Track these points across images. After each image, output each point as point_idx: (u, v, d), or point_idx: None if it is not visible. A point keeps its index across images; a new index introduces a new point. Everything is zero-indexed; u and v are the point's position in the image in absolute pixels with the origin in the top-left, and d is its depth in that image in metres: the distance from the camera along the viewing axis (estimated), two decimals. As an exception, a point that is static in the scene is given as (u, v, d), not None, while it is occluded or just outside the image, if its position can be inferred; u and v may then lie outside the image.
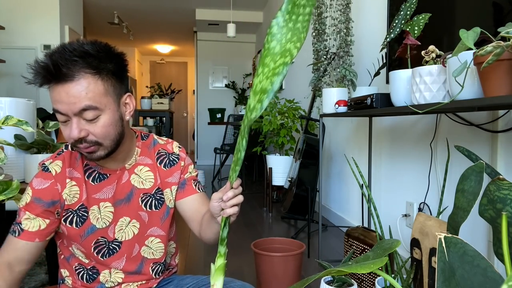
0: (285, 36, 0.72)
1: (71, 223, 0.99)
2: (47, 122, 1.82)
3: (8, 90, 4.83)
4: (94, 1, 6.20)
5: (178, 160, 1.09)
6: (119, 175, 1.01)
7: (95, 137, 0.88)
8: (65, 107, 0.84)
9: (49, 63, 0.82)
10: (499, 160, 1.46)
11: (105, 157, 0.93)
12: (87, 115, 0.86)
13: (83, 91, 0.84)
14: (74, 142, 0.88)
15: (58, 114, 0.87)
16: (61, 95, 0.84)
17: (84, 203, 0.99)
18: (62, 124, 0.89)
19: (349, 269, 0.57)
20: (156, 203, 1.05)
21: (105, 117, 0.88)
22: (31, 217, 0.95)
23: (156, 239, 1.07)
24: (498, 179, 0.67)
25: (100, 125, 0.88)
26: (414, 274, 1.24)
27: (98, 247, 1.01)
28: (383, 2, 2.31)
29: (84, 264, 1.03)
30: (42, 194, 0.95)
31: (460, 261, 0.52)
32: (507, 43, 0.85)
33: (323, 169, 3.50)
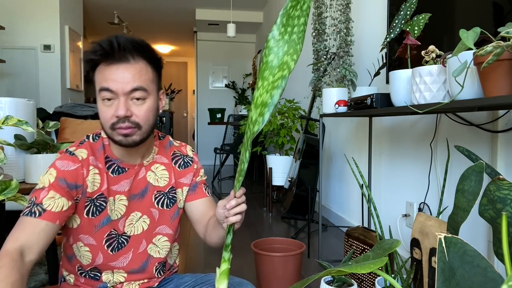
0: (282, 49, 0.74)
1: (88, 213, 0.99)
2: (47, 122, 1.82)
3: (8, 90, 4.83)
4: (94, 1, 6.20)
5: (192, 162, 1.14)
6: (137, 171, 1.04)
7: (138, 119, 0.94)
8: (118, 85, 0.91)
9: (115, 43, 0.91)
10: (499, 160, 1.46)
11: (138, 143, 0.97)
12: (135, 94, 0.93)
13: (137, 73, 0.93)
14: (116, 122, 0.93)
15: (106, 92, 0.92)
16: (117, 74, 0.91)
17: (104, 192, 1.00)
18: (105, 105, 0.93)
19: (349, 269, 0.57)
20: (168, 201, 1.09)
21: (149, 102, 0.96)
22: (56, 197, 0.92)
23: (164, 237, 1.08)
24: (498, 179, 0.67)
25: (144, 108, 0.95)
26: (414, 274, 1.24)
27: (109, 239, 1.01)
28: (383, 2, 2.31)
29: (84, 266, 1.02)
30: (68, 175, 0.95)
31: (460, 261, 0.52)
32: (507, 43, 0.85)
33: (323, 169, 3.50)
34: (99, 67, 0.93)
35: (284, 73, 0.73)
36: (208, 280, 1.09)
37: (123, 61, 0.92)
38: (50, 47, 5.00)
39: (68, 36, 5.22)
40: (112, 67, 0.91)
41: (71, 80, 5.34)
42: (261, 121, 0.74)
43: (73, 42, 5.40)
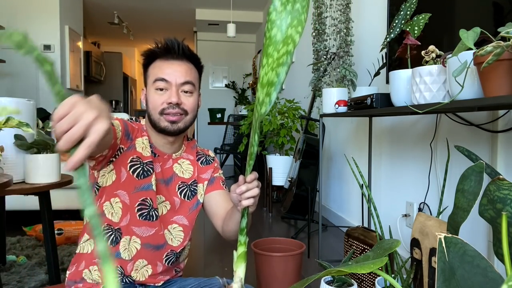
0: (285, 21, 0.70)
1: (134, 172, 1.07)
2: (47, 122, 1.82)
3: (8, 90, 4.83)
4: (94, 1, 6.20)
5: (213, 161, 1.26)
6: (166, 160, 1.15)
7: (186, 107, 1.08)
8: (172, 77, 1.06)
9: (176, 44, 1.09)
10: (499, 160, 1.46)
11: (182, 131, 1.10)
12: (186, 87, 1.08)
13: (189, 71, 1.10)
14: (167, 107, 1.06)
15: (161, 82, 1.06)
16: (173, 68, 1.07)
17: (153, 160, 1.10)
18: (157, 93, 1.07)
19: (349, 269, 0.57)
20: (190, 193, 1.17)
21: (195, 95, 1.11)
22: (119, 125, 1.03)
23: (179, 227, 1.14)
24: (498, 179, 0.67)
25: (192, 99, 1.10)
26: (414, 274, 1.24)
27: (141, 205, 1.07)
28: (383, 2, 2.31)
29: (113, 224, 1.06)
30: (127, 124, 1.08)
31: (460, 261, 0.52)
32: (507, 43, 0.85)
33: (323, 169, 3.50)
34: (155, 61, 1.09)
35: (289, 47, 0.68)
36: (211, 284, 1.09)
37: (179, 59, 1.08)
38: (50, 47, 5.00)
39: (68, 36, 5.22)
40: (168, 61, 1.08)
41: (71, 80, 5.33)
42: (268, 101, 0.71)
43: (73, 42, 5.40)
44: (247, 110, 4.17)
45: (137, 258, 1.07)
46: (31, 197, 1.76)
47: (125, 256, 1.06)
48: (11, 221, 2.77)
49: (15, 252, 2.34)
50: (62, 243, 2.46)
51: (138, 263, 1.07)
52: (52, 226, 1.76)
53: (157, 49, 1.09)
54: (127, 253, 1.06)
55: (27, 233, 2.62)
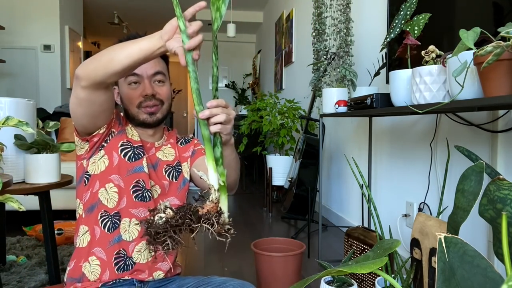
0: None
1: (125, 156, 1.09)
2: (47, 122, 1.82)
3: (8, 90, 4.83)
4: (94, 1, 6.20)
5: (191, 139, 1.30)
6: (149, 148, 1.17)
7: (161, 97, 1.12)
8: (143, 70, 1.09)
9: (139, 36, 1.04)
10: (499, 160, 1.46)
11: (159, 122, 1.14)
12: (157, 77, 1.12)
13: (157, 62, 1.12)
14: (144, 100, 1.10)
15: (132, 76, 1.09)
16: None
17: (144, 145, 1.15)
18: (131, 88, 1.10)
19: (349, 269, 0.57)
20: (176, 174, 1.20)
21: (167, 84, 1.15)
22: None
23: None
24: (498, 179, 0.67)
25: (165, 88, 1.14)
26: (414, 274, 1.24)
27: (136, 187, 1.09)
28: (383, 2, 2.31)
29: (109, 210, 1.07)
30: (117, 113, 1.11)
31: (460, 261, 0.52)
32: (507, 43, 0.85)
33: (323, 169, 3.50)
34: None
35: None
36: (210, 282, 1.09)
37: None
38: (50, 47, 5.00)
39: (68, 36, 5.22)
40: None
41: (71, 80, 5.34)
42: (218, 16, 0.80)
43: (73, 42, 5.40)
44: (247, 110, 4.17)
45: (139, 240, 1.08)
46: (31, 197, 1.76)
47: (126, 238, 1.08)
48: (11, 221, 2.77)
49: (15, 252, 2.34)
50: (62, 243, 2.46)
51: (141, 245, 1.08)
52: (52, 226, 1.76)
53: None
54: (128, 235, 1.08)
55: (27, 233, 2.62)
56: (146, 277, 1.09)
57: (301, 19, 4.31)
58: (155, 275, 1.10)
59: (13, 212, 2.76)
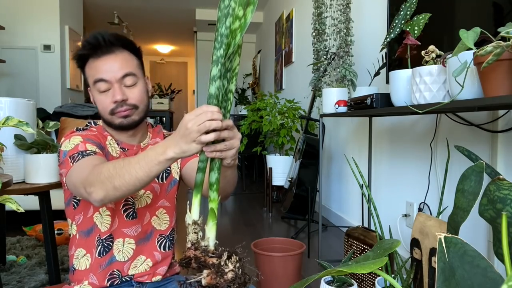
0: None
1: None
2: (47, 122, 1.82)
3: (8, 90, 4.83)
4: (94, 1, 6.20)
5: None
6: (135, 151, 1.12)
7: (133, 100, 1.04)
8: (110, 74, 1.01)
9: (100, 37, 1.01)
10: (499, 160, 1.46)
11: (137, 124, 1.07)
12: (127, 81, 1.03)
13: (124, 62, 1.04)
14: (115, 107, 1.02)
15: (101, 83, 1.02)
16: (107, 64, 1.02)
17: (128, 148, 1.10)
18: (102, 95, 1.03)
19: (349, 269, 0.57)
20: (164, 174, 1.16)
21: (140, 85, 1.06)
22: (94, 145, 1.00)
23: (163, 209, 1.15)
24: (498, 179, 0.67)
25: (137, 91, 1.05)
26: (414, 274, 1.24)
27: (126, 205, 1.07)
28: (383, 2, 2.31)
29: (102, 234, 1.05)
30: (91, 137, 1.03)
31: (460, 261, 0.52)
32: (507, 43, 0.85)
33: (323, 169, 3.50)
34: (88, 63, 1.04)
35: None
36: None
37: (110, 52, 1.02)
38: (50, 47, 5.00)
39: (68, 36, 5.22)
40: (101, 59, 1.02)
41: (71, 80, 5.34)
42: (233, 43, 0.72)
43: (73, 42, 5.40)
44: (247, 110, 4.17)
45: (135, 257, 1.08)
46: (31, 197, 1.76)
47: (120, 258, 1.06)
48: (11, 221, 2.77)
49: (15, 252, 2.34)
50: (62, 243, 2.45)
51: (136, 261, 1.08)
52: (52, 226, 1.76)
53: (84, 51, 1.03)
54: (122, 255, 1.07)
55: (27, 233, 2.62)
56: (145, 280, 1.09)
57: (301, 19, 4.31)
58: (154, 279, 1.10)
59: (13, 212, 2.76)
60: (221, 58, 0.75)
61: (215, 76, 0.77)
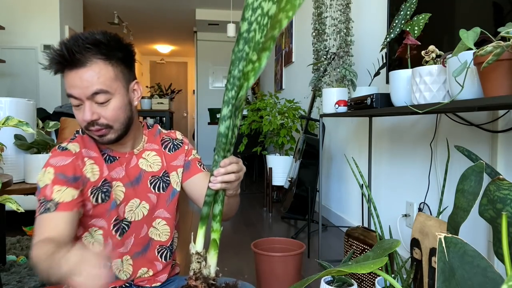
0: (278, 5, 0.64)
1: (97, 200, 0.99)
2: (47, 122, 1.82)
3: (8, 90, 4.82)
4: (94, 1, 6.20)
5: (182, 144, 1.14)
6: (128, 159, 1.05)
7: (106, 120, 0.93)
8: (79, 91, 0.90)
9: (64, 50, 0.88)
10: (499, 160, 1.46)
11: (115, 140, 0.97)
12: (98, 99, 0.91)
13: (95, 76, 0.90)
14: (87, 125, 0.93)
15: (72, 99, 0.92)
16: (75, 80, 0.90)
17: (107, 178, 1.01)
18: (75, 109, 0.94)
19: (349, 269, 0.57)
20: (163, 185, 1.09)
21: (115, 101, 0.94)
22: (62, 189, 0.92)
23: (163, 221, 1.09)
24: (498, 179, 0.67)
25: (110, 109, 0.93)
26: (414, 274, 1.24)
27: (116, 224, 1.03)
28: (383, 2, 2.31)
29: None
30: (65, 169, 0.95)
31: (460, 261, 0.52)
32: (507, 43, 0.85)
33: (323, 169, 3.50)
34: (64, 72, 0.92)
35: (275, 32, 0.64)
36: None
37: (79, 65, 0.89)
38: (50, 47, 4.99)
39: (68, 36, 5.22)
40: (71, 73, 0.90)
41: (71, 80, 5.33)
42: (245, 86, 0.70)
43: (73, 42, 5.40)
44: (247, 110, 4.17)
45: (136, 272, 1.06)
46: (31, 197, 1.76)
47: (122, 277, 1.04)
48: (11, 221, 2.77)
49: (15, 252, 2.34)
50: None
51: (138, 274, 1.06)
52: (52, 226, 1.75)
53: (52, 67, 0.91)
54: (123, 274, 1.04)
55: (27, 233, 2.62)
56: (145, 284, 1.09)
57: (301, 19, 4.31)
58: (154, 284, 1.10)
59: (13, 212, 2.76)
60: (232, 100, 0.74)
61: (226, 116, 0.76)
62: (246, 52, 0.72)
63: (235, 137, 0.77)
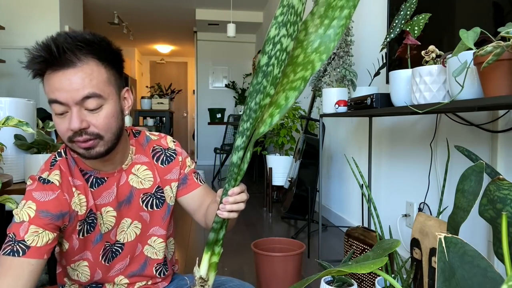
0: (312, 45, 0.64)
1: (82, 234, 0.92)
2: (47, 122, 1.82)
3: (8, 90, 4.82)
4: (94, 1, 6.20)
5: (175, 155, 1.05)
6: (117, 178, 0.95)
7: (97, 129, 0.82)
8: (66, 95, 0.78)
9: (53, 46, 0.76)
10: (499, 160, 1.46)
11: (105, 154, 0.85)
12: (89, 104, 0.80)
13: (87, 78, 0.79)
14: (72, 136, 0.81)
15: (56, 105, 0.79)
16: (62, 82, 0.78)
17: (92, 208, 0.92)
18: (58, 117, 0.81)
19: (349, 269, 0.57)
20: (157, 202, 1.01)
21: (107, 108, 0.83)
22: (39, 231, 0.82)
23: (159, 238, 1.03)
24: (498, 179, 0.67)
25: (102, 116, 0.82)
26: (414, 274, 1.24)
27: (105, 253, 0.97)
28: (383, 2, 2.31)
29: (84, 283, 0.98)
30: (49, 206, 0.84)
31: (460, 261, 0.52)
32: (507, 43, 0.85)
33: (323, 169, 3.50)
34: (46, 75, 0.80)
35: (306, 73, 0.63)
36: None
37: (68, 65, 0.78)
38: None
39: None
40: (57, 74, 0.78)
41: (71, 80, 5.33)
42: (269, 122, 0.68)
43: (73, 42, 5.40)
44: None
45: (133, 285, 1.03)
46: (31, 197, 1.76)
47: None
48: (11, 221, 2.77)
49: (15, 252, 2.33)
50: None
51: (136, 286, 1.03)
52: (52, 226, 1.75)
53: (34, 66, 0.79)
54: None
55: (27, 233, 2.62)
56: None
57: (301, 19, 4.31)
58: None
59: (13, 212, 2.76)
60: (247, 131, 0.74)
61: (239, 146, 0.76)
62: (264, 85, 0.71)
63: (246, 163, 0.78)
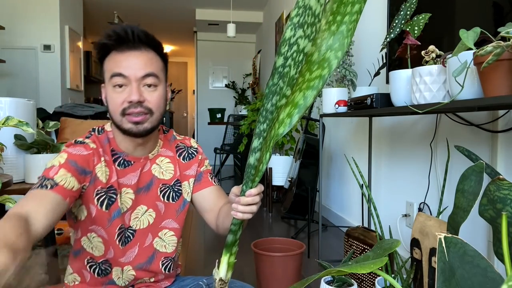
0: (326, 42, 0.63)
1: (101, 205, 0.96)
2: (47, 122, 1.82)
3: (8, 90, 4.82)
4: (94, 1, 6.20)
5: (196, 153, 1.13)
6: (143, 164, 1.03)
7: (150, 104, 0.95)
8: (130, 71, 0.92)
9: (129, 30, 0.93)
10: (499, 160, 1.46)
11: (150, 131, 0.96)
12: (148, 81, 0.94)
13: (149, 61, 0.95)
14: (128, 107, 0.93)
15: (118, 77, 0.92)
16: (130, 60, 0.93)
17: (114, 185, 0.98)
18: (115, 91, 0.93)
19: (349, 269, 0.57)
20: (174, 195, 1.07)
21: (160, 89, 0.97)
22: (68, 175, 0.89)
23: (170, 231, 1.06)
24: (498, 179, 0.67)
25: (156, 95, 0.96)
26: (414, 274, 1.24)
27: (120, 233, 0.99)
28: (383, 2, 2.31)
29: (96, 258, 1.00)
30: (79, 159, 0.93)
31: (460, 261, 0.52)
32: (507, 43, 0.85)
33: (323, 169, 3.50)
34: (110, 54, 0.95)
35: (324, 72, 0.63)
36: (210, 284, 1.08)
37: (136, 48, 0.94)
38: (50, 47, 4.99)
39: (68, 36, 5.22)
40: (124, 53, 0.93)
41: (71, 80, 5.33)
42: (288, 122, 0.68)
43: (73, 42, 5.40)
44: (247, 110, 4.17)
45: (136, 280, 1.04)
46: (31, 197, 1.76)
47: (120, 283, 1.02)
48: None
49: (15, 252, 2.34)
50: (62, 243, 2.45)
51: (139, 280, 1.04)
52: (52, 226, 1.75)
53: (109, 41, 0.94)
54: (122, 281, 1.02)
55: (27, 233, 2.62)
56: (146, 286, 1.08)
57: (301, 19, 4.31)
58: None
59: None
60: (264, 132, 0.74)
61: (256, 148, 0.76)
62: (280, 86, 0.71)
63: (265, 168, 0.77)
